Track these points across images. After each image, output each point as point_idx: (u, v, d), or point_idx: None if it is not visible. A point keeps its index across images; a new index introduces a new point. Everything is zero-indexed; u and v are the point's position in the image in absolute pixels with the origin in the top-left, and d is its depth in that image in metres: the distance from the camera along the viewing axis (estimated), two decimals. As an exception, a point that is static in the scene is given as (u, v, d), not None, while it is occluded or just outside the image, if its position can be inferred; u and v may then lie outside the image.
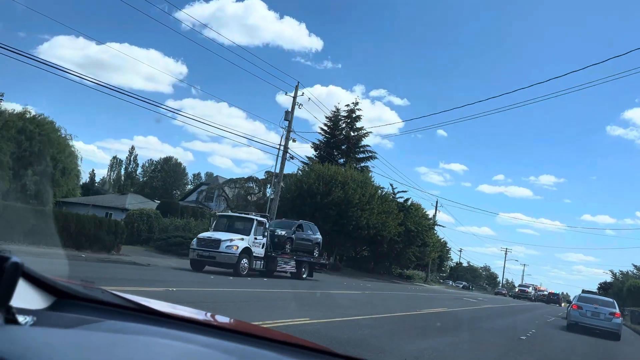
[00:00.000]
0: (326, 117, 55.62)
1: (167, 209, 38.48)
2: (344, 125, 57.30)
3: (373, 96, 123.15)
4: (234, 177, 45.76)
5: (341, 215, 39.28)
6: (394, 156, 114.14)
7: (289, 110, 33.25)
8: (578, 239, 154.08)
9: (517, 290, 65.53)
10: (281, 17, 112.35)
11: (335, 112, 57.26)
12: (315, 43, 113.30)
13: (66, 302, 1.34)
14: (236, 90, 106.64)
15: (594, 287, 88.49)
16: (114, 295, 1.50)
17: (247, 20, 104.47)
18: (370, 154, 57.74)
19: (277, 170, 33.10)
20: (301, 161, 42.96)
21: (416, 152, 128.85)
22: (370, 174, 56.64)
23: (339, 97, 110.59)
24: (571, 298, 27.00)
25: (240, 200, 45.07)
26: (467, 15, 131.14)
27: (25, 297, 1.17)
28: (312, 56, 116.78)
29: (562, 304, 60.80)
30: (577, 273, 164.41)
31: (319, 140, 55.54)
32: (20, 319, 1.04)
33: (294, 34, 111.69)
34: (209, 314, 1.69)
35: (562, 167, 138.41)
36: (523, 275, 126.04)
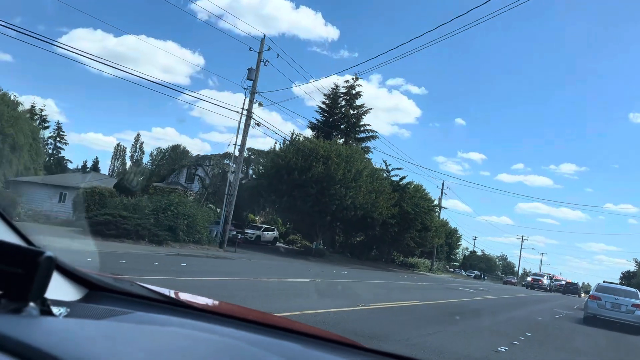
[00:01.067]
0: (324, 95, 50.96)
1: (128, 189, 34.25)
2: (343, 102, 52.54)
3: (390, 85, 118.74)
4: (209, 154, 40.92)
5: (322, 193, 34.36)
6: (412, 145, 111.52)
7: (254, 68, 28.33)
8: (600, 229, 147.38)
9: (529, 279, 59.46)
10: (297, 6, 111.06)
11: (334, 89, 52.50)
12: (331, 32, 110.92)
13: (97, 293, 1.39)
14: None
15: (616, 277, 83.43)
16: (142, 287, 1.55)
17: (263, 10, 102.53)
18: (371, 134, 52.93)
19: (239, 140, 28.15)
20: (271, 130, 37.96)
21: (434, 141, 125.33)
22: (367, 155, 52.18)
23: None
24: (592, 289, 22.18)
25: (217, 179, 40.41)
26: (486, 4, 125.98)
27: (59, 289, 1.23)
28: (328, 46, 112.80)
29: (582, 295, 55.24)
30: (598, 263, 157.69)
31: (316, 120, 50.85)
32: (55, 310, 1.08)
33: (309, 24, 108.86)
34: (235, 306, 1.73)
35: (584, 156, 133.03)
36: (541, 265, 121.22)
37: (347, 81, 52.36)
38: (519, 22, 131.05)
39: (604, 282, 28.17)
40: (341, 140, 50.59)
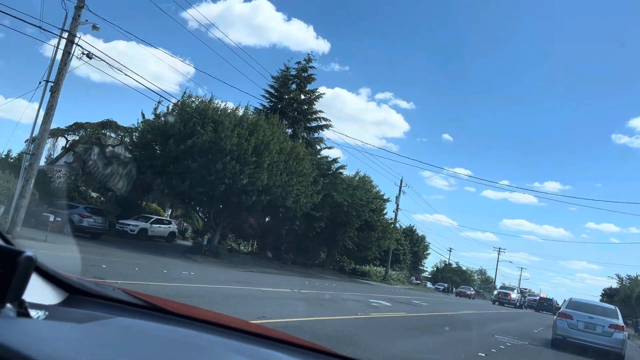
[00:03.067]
0: (272, 78, 42.55)
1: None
2: (294, 87, 44.69)
3: (379, 99, 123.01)
4: (83, 122, 31.58)
5: (208, 169, 25.49)
6: (399, 159, 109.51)
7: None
8: (582, 247, 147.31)
9: (497, 293, 50.38)
10: (289, 18, 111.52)
11: (284, 71, 44.57)
12: (322, 45, 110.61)
13: (78, 298, 1.36)
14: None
15: (597, 295, 76.54)
16: (124, 292, 1.52)
17: (255, 20, 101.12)
18: (324, 122, 44.92)
19: (53, 75, 19.03)
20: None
21: (421, 155, 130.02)
22: (319, 146, 44.44)
23: (344, 99, 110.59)
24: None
25: (86, 155, 31.26)
26: (474, 17, 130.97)
27: (38, 292, 1.18)
28: (318, 58, 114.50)
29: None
30: (580, 281, 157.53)
31: (262, 106, 42.58)
32: (33, 313, 1.05)
33: (301, 36, 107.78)
34: (217, 313, 1.69)
35: (568, 174, 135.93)
36: (520, 279, 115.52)
37: (298, 63, 44.49)
38: (506, 40, 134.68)
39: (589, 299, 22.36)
40: (289, 130, 42.61)
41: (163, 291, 10.65)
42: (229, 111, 27.90)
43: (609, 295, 70.73)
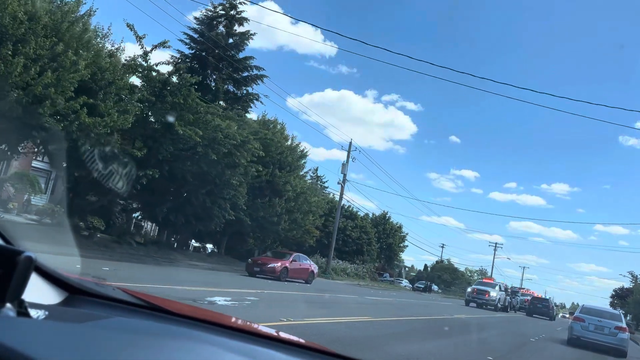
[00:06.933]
0: (195, 18, 31.95)
1: None
2: (223, 29, 32.54)
3: (386, 100, 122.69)
4: None
5: None
6: (406, 161, 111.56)
7: None
8: (590, 250, 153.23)
9: (471, 290, 35.82)
10: (296, 22, 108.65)
11: (211, 12, 32.33)
12: (329, 48, 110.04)
13: (78, 298, 1.36)
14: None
15: (607, 297, 73.55)
16: (124, 292, 1.52)
17: (261, 23, 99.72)
18: (257, 72, 32.38)
19: None
20: None
21: (428, 157, 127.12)
22: (254, 102, 32.70)
23: (350, 101, 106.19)
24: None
25: None
26: (482, 19, 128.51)
27: (38, 291, 1.19)
28: (325, 61, 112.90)
29: (566, 316, 33.57)
30: (589, 283, 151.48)
31: (180, 53, 30.09)
32: (32, 313, 1.05)
33: (308, 39, 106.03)
34: (216, 313, 1.70)
35: (576, 176, 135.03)
36: (522, 280, 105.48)
37: (227, -2, 32.10)
38: (514, 41, 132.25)
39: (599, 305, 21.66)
40: (212, 83, 30.48)
41: None
42: None
43: (620, 296, 64.97)
